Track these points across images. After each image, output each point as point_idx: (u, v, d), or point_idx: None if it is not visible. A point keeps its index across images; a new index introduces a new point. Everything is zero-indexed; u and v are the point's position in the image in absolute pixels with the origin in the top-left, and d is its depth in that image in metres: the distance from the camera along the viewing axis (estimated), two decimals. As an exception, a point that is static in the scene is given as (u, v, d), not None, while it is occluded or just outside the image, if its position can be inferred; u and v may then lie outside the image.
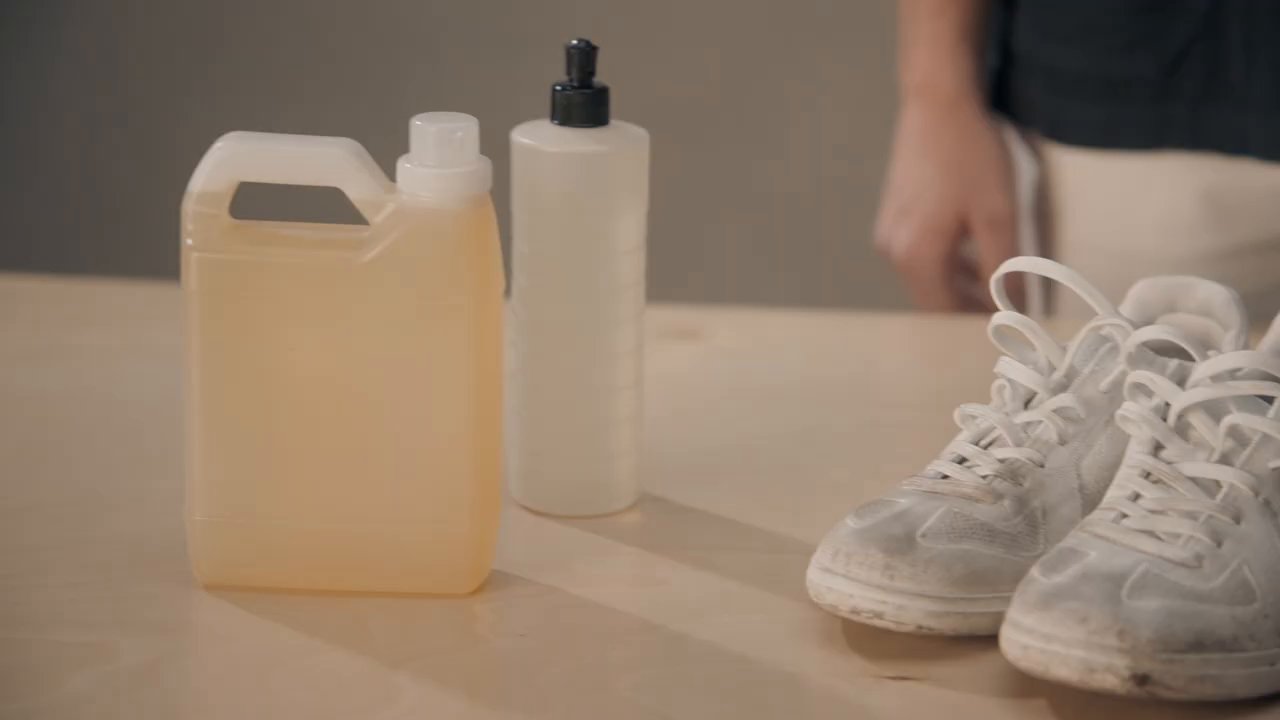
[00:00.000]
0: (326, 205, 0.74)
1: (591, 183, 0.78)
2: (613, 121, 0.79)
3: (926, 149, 1.17)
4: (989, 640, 0.69)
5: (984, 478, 0.74)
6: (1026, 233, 1.21)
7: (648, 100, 2.04)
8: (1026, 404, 0.76)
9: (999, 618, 0.69)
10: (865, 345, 1.04)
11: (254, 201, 0.75)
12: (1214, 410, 0.71)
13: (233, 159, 0.71)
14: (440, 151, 0.71)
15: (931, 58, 1.15)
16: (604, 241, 0.78)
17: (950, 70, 1.15)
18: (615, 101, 0.78)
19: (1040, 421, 0.75)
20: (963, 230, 1.18)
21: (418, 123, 0.71)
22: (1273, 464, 0.69)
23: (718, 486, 0.84)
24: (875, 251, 1.20)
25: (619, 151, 0.78)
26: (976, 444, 0.75)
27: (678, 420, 0.92)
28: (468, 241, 0.71)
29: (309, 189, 0.71)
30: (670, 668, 0.70)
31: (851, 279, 1.81)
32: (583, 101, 0.78)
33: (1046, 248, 1.19)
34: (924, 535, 0.71)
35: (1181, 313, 0.82)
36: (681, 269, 2.00)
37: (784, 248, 2.09)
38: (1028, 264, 0.76)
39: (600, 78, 0.78)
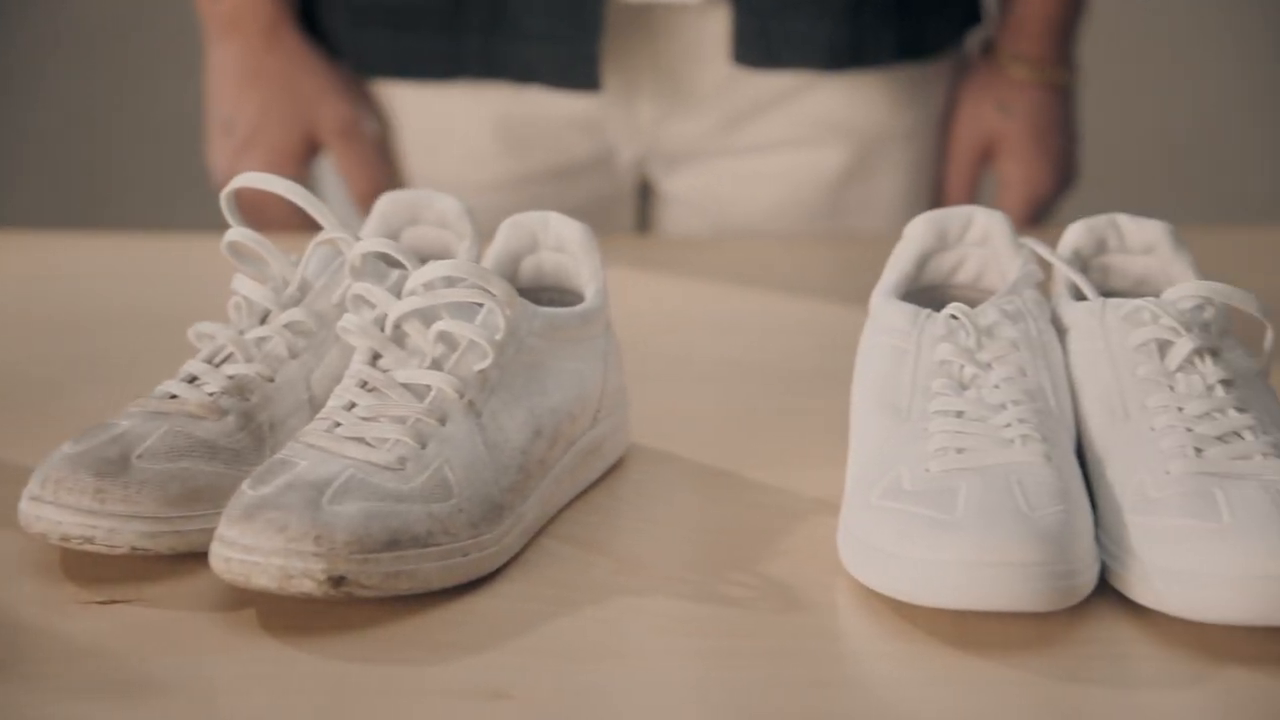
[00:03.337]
0: None
1: None
2: None
3: (252, 79, 1.15)
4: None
5: (210, 395, 0.73)
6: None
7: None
8: (264, 320, 0.77)
9: (220, 534, 0.69)
10: (152, 268, 1.02)
11: None
12: (428, 318, 0.73)
13: None
14: None
15: None
16: None
17: (264, 1, 1.14)
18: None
19: (271, 337, 0.76)
20: (312, 151, 1.18)
21: None
22: (478, 367, 0.73)
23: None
24: (216, 191, 1.18)
25: None
26: (209, 362, 0.75)
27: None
28: None
29: None
30: None
31: (168, 203, 1.78)
32: None
33: (399, 176, 1.20)
34: (140, 456, 0.70)
35: (423, 225, 0.84)
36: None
37: (77, 170, 2.04)
38: (256, 180, 0.76)
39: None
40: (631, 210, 1.21)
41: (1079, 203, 1.14)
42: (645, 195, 1.22)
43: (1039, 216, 1.19)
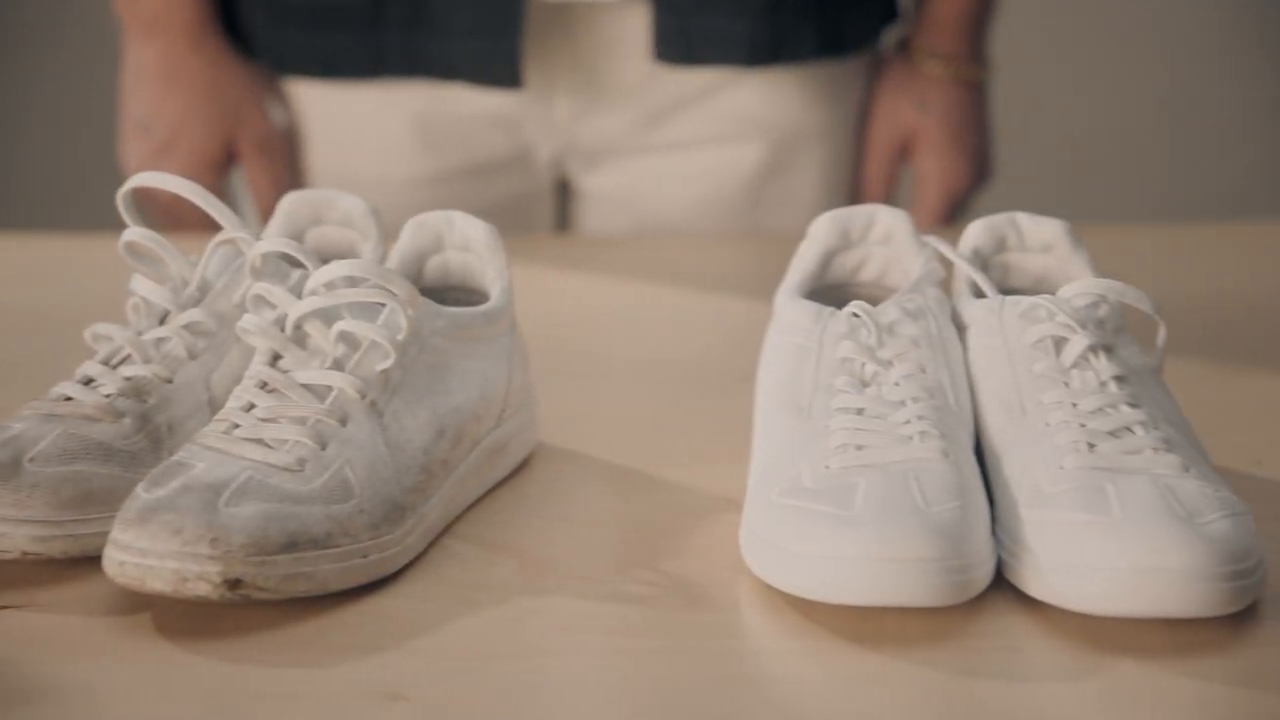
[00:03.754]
0: None
1: None
2: None
3: (174, 80, 1.14)
4: (105, 560, 0.68)
5: (107, 397, 0.73)
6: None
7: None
8: (163, 321, 0.76)
9: (117, 537, 0.68)
10: (51, 268, 1.01)
11: None
12: (330, 318, 0.73)
13: None
14: None
15: None
16: None
17: (186, 1, 1.13)
18: None
19: (170, 337, 0.75)
20: (230, 158, 1.17)
21: None
22: (380, 367, 0.72)
23: None
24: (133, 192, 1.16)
25: None
26: (106, 363, 0.74)
27: None
28: None
29: None
30: None
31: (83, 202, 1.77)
32: None
33: (300, 175, 1.19)
34: (33, 459, 0.69)
35: (327, 225, 0.84)
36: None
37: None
38: (152, 179, 0.75)
39: None
40: (550, 208, 1.21)
41: (994, 199, 1.15)
42: (564, 193, 1.22)
43: (956, 212, 1.19)
